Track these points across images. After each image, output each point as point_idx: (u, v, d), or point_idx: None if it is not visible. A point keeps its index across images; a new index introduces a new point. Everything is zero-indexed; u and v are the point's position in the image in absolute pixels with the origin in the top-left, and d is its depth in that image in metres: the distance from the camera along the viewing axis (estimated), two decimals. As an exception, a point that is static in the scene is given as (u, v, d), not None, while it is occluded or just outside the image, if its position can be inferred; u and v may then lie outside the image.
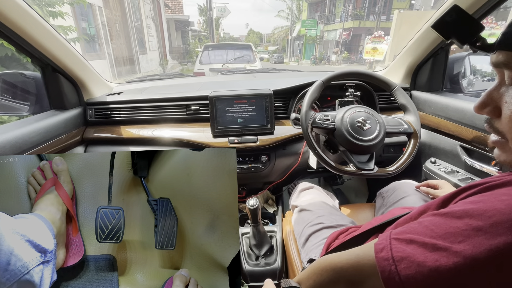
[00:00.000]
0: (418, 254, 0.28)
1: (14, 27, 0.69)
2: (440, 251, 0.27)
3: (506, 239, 0.24)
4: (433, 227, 0.30)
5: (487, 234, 0.25)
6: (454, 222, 0.28)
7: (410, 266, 0.28)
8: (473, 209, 0.28)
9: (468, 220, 0.27)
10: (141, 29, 10.32)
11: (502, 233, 0.25)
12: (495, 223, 0.26)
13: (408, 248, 0.30)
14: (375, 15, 17.27)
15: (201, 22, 23.59)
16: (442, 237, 0.28)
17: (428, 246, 0.28)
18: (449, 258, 0.26)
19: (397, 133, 0.77)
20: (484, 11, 0.77)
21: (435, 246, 0.28)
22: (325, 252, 0.62)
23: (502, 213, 0.26)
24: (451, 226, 0.28)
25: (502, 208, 0.26)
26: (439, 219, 0.30)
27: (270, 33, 37.54)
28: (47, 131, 0.81)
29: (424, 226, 0.31)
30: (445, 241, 0.28)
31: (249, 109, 0.99)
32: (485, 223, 0.26)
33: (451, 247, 0.27)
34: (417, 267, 0.28)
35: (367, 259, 0.33)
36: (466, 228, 0.27)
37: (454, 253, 0.26)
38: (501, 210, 0.26)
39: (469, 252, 0.26)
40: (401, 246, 0.30)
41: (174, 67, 12.11)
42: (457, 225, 0.28)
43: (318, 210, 0.80)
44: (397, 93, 0.81)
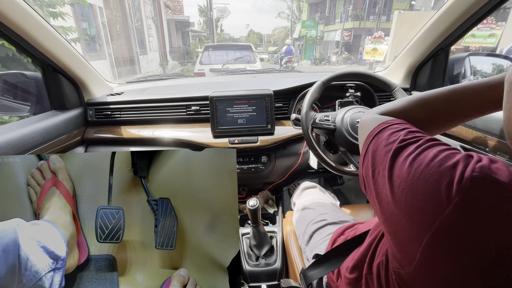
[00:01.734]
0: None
1: (15, 28, 0.70)
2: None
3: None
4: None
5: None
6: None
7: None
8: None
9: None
10: (141, 30, 10.33)
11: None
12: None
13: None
14: (375, 16, 17.26)
15: (202, 22, 23.61)
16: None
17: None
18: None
19: None
20: (484, 11, 0.77)
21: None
22: (331, 247, 0.62)
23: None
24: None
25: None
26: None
27: (270, 34, 37.58)
28: (47, 132, 0.81)
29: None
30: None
31: (250, 109, 0.99)
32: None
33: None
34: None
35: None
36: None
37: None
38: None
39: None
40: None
41: (174, 67, 12.12)
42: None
43: (321, 207, 0.80)
44: (398, 94, 0.80)
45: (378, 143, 0.35)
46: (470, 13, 0.78)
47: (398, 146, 0.31)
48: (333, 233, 0.66)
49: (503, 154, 0.72)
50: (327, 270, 0.56)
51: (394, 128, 0.35)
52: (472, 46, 6.63)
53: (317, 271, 0.58)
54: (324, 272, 0.57)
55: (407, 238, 0.29)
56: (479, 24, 0.89)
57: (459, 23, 0.82)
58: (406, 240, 0.29)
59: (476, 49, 6.58)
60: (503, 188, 0.23)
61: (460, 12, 0.79)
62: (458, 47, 6.47)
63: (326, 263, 0.57)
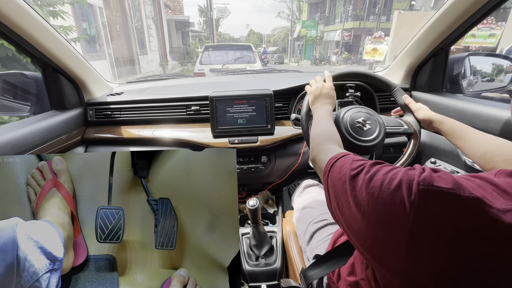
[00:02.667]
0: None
1: (15, 28, 0.70)
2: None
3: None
4: None
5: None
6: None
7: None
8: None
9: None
10: (141, 30, 10.33)
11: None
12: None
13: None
14: (375, 16, 17.27)
15: (202, 22, 23.61)
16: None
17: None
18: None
19: (397, 133, 0.77)
20: (484, 11, 0.77)
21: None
22: (332, 248, 0.62)
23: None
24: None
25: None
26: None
27: (270, 34, 37.55)
28: (47, 132, 0.81)
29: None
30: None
31: (249, 109, 0.99)
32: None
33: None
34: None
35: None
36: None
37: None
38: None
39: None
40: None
41: (174, 67, 12.12)
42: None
43: (322, 207, 0.80)
44: (398, 94, 0.80)
45: (334, 178, 0.39)
46: (470, 13, 0.78)
47: (350, 177, 0.35)
48: (334, 233, 0.66)
49: (503, 154, 0.72)
50: (328, 270, 0.56)
51: (340, 161, 0.40)
52: (472, 46, 6.63)
53: (317, 271, 0.58)
54: (325, 272, 0.57)
55: (386, 255, 0.32)
56: (479, 24, 0.89)
57: (459, 23, 0.82)
58: (385, 256, 0.32)
59: (476, 49, 6.58)
60: (446, 194, 0.28)
61: (460, 12, 0.79)
62: (458, 47, 6.47)
63: (327, 263, 0.57)
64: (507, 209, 0.26)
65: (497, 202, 0.27)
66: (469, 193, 0.27)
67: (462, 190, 0.28)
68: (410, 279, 0.31)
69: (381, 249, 0.32)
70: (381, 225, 0.31)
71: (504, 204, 0.27)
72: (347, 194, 0.35)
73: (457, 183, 0.28)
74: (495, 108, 0.74)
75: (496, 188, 0.29)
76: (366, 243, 0.34)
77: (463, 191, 0.27)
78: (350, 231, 0.36)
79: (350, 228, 0.36)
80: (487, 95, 1.25)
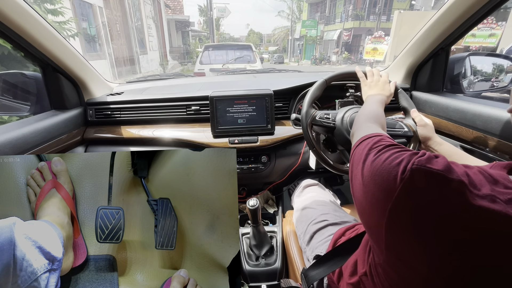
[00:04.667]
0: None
1: (14, 27, 0.69)
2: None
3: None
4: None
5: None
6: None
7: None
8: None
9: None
10: (141, 29, 10.33)
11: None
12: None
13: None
14: (375, 16, 17.27)
15: (202, 22, 23.61)
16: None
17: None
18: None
19: (397, 135, 0.77)
20: (484, 11, 0.77)
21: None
22: (332, 248, 0.62)
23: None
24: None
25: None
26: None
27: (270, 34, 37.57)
28: (47, 131, 0.81)
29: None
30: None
31: (250, 109, 0.99)
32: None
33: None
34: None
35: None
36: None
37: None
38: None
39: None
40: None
41: (174, 67, 12.12)
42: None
43: (322, 207, 0.80)
44: (399, 96, 0.80)
45: (355, 154, 0.43)
46: (471, 13, 0.78)
47: (366, 153, 0.40)
48: (334, 234, 0.66)
49: (503, 154, 0.72)
50: (329, 270, 0.56)
51: (369, 140, 0.44)
52: (473, 46, 6.64)
53: (318, 271, 0.58)
54: (326, 272, 0.57)
55: (374, 225, 0.36)
56: (479, 24, 0.89)
57: (460, 23, 0.82)
58: (373, 227, 0.36)
59: (476, 49, 6.58)
60: (435, 175, 0.30)
61: (460, 12, 0.79)
62: (458, 47, 6.47)
63: (328, 263, 0.57)
64: (486, 194, 0.28)
65: (482, 189, 0.29)
66: (456, 177, 0.29)
67: (451, 173, 0.29)
68: (394, 254, 0.34)
69: (370, 219, 0.36)
70: (372, 195, 0.34)
71: (487, 190, 0.29)
72: (360, 164, 0.39)
73: (449, 167, 0.30)
74: (496, 108, 0.74)
75: (489, 177, 0.31)
76: (362, 212, 0.38)
77: (451, 174, 0.29)
78: (355, 200, 0.40)
79: (355, 197, 0.40)
80: (488, 95, 1.25)
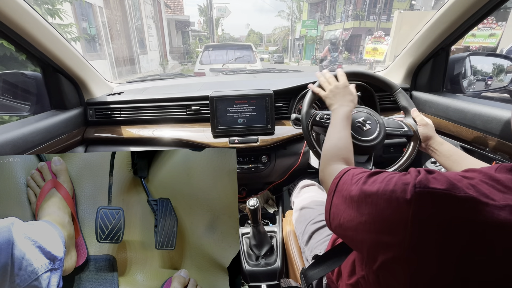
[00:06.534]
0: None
1: (15, 27, 0.69)
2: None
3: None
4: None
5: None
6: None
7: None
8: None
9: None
10: (141, 29, 10.32)
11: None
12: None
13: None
14: (375, 16, 17.25)
15: (202, 22, 23.60)
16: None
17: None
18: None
19: (397, 135, 0.77)
20: (484, 11, 0.76)
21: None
22: (331, 248, 0.62)
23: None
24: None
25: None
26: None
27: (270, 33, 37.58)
28: (47, 131, 0.81)
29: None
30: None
31: (250, 109, 0.99)
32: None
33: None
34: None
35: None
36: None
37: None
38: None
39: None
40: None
41: (174, 67, 12.12)
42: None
43: (320, 207, 0.80)
44: (399, 96, 0.80)
45: (338, 197, 0.43)
46: (471, 13, 0.78)
47: (351, 192, 0.39)
48: (333, 233, 0.66)
49: (503, 154, 0.71)
50: (328, 269, 0.56)
51: (342, 180, 0.43)
52: (473, 46, 6.63)
53: (317, 271, 0.58)
54: (324, 271, 0.57)
55: (392, 262, 0.33)
56: (479, 24, 0.89)
57: (460, 23, 0.82)
58: (392, 263, 0.33)
59: (476, 49, 6.57)
60: (441, 196, 0.29)
61: (460, 12, 0.79)
62: (459, 47, 6.46)
63: (327, 263, 0.57)
64: (505, 204, 0.27)
65: (495, 198, 0.28)
66: (464, 193, 0.28)
67: (457, 190, 0.29)
68: (415, 280, 0.32)
69: (385, 254, 0.33)
70: (381, 232, 0.33)
71: (502, 200, 0.28)
72: (349, 208, 0.38)
73: (452, 183, 0.30)
74: (496, 108, 0.74)
75: (497, 184, 0.30)
76: (370, 251, 0.36)
77: (458, 191, 0.29)
78: (353, 244, 0.39)
79: (353, 241, 0.39)
80: (488, 95, 1.25)
